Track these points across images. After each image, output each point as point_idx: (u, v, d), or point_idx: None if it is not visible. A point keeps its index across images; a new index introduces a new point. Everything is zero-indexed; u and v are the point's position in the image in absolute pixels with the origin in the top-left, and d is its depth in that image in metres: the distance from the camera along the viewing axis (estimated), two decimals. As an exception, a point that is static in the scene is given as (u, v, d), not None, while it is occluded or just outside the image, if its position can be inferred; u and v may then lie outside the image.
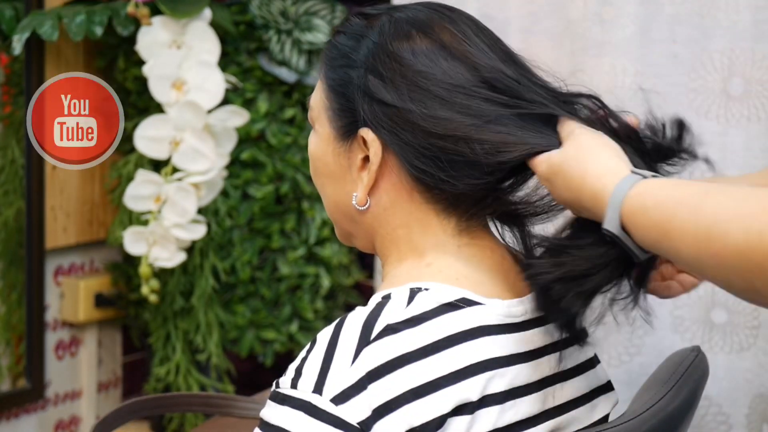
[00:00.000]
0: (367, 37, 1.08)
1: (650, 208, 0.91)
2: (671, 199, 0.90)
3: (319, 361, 0.97)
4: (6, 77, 2.02)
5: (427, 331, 0.98)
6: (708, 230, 0.86)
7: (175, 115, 1.90)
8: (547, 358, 1.05)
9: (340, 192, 1.10)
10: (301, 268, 2.11)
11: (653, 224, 0.90)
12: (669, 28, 1.68)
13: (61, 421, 2.14)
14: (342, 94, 1.09)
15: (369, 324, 0.98)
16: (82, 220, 2.12)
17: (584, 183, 0.96)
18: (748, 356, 1.65)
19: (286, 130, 2.09)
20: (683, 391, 1.12)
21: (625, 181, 0.93)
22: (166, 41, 1.90)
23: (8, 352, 2.05)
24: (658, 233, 0.90)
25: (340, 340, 0.97)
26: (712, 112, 1.67)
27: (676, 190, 0.91)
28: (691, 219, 0.87)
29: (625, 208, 0.92)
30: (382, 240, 1.09)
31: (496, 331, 1.01)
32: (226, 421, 1.44)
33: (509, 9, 1.77)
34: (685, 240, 0.87)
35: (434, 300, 1.00)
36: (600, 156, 0.97)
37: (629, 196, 0.92)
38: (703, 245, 0.86)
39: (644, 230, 0.91)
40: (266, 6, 2.06)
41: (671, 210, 0.89)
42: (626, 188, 0.92)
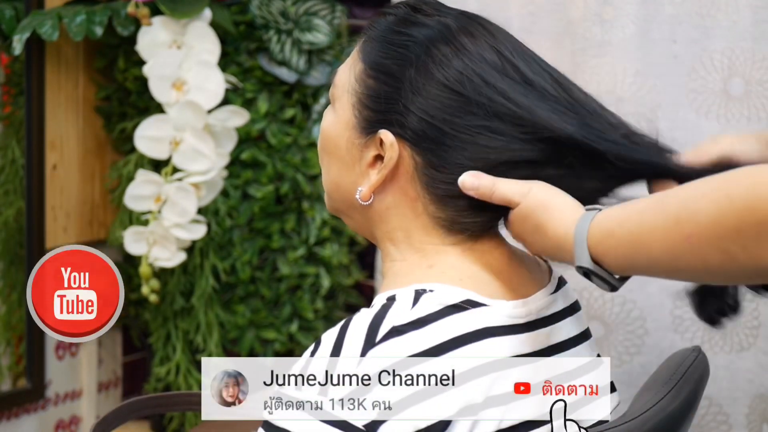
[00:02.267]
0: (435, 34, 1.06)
1: (616, 229, 0.93)
2: (633, 212, 0.93)
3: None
4: (6, 77, 2.02)
5: (432, 333, 0.98)
6: (677, 216, 0.88)
7: (175, 115, 1.90)
8: (552, 359, 1.05)
9: (345, 178, 1.09)
10: (301, 268, 2.11)
11: (623, 241, 0.93)
12: (669, 28, 1.68)
13: (61, 421, 2.14)
14: (384, 84, 1.06)
15: (374, 326, 0.98)
16: (82, 220, 2.12)
17: (547, 237, 0.99)
18: (748, 356, 1.66)
19: (286, 130, 2.09)
20: (684, 392, 1.12)
21: (583, 219, 0.96)
22: (166, 41, 1.90)
23: (8, 352, 2.05)
24: (629, 248, 0.92)
25: (346, 342, 0.97)
26: (712, 112, 1.67)
27: (635, 204, 0.94)
28: (657, 216, 0.90)
29: (591, 240, 0.95)
30: (381, 235, 1.09)
31: (500, 332, 1.01)
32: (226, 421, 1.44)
33: (509, 9, 1.77)
34: (656, 237, 0.90)
35: (439, 302, 1.00)
36: (554, 209, 1.00)
37: (592, 229, 0.95)
38: (675, 233, 0.88)
39: (615, 251, 0.94)
40: (266, 6, 2.06)
41: (636, 220, 0.92)
42: (586, 224, 0.96)
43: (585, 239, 0.95)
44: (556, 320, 1.08)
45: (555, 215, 0.99)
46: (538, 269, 1.12)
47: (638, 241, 0.91)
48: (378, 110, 1.06)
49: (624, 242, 0.93)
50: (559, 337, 1.07)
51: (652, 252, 0.91)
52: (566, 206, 0.99)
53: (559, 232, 0.98)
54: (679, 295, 1.66)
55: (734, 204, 0.84)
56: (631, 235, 0.92)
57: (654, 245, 0.90)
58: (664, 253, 0.90)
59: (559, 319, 1.08)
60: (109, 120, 2.10)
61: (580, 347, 1.10)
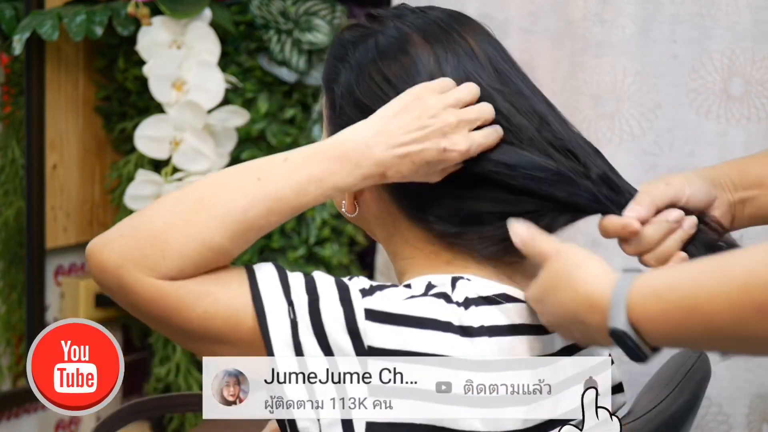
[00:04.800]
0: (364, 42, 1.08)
1: (665, 292, 0.87)
2: (686, 277, 0.87)
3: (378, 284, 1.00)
4: (6, 77, 2.02)
5: (469, 317, 0.98)
6: (745, 284, 0.82)
7: (175, 115, 1.90)
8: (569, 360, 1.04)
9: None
10: (301, 268, 2.10)
11: (673, 306, 0.86)
12: (669, 28, 1.68)
13: (61, 421, 2.14)
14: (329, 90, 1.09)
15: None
16: (82, 220, 2.11)
17: (577, 294, 0.93)
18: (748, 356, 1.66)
19: (286, 130, 2.09)
20: (685, 393, 1.12)
21: (623, 278, 0.90)
22: (166, 41, 1.90)
23: (8, 352, 2.05)
24: (681, 312, 0.86)
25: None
26: (712, 112, 1.67)
27: (684, 269, 0.89)
28: (720, 282, 0.83)
29: (631, 301, 0.89)
30: (383, 240, 1.10)
31: (532, 331, 1.01)
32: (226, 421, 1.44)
33: (509, 9, 1.78)
34: (719, 304, 0.83)
35: (474, 291, 1.00)
36: (591, 266, 0.95)
37: (634, 289, 0.89)
38: (743, 302, 0.82)
39: (663, 316, 0.87)
40: (266, 6, 2.06)
41: (690, 285, 0.86)
42: (627, 284, 0.89)
43: (624, 299, 0.89)
44: None
45: (591, 271, 0.93)
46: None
47: (695, 307, 0.84)
48: (338, 124, 1.07)
49: (675, 307, 0.86)
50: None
51: (713, 319, 0.84)
52: (602, 266, 0.94)
53: (594, 289, 0.92)
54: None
55: None
56: (685, 300, 0.85)
57: (715, 312, 0.83)
58: (728, 322, 0.83)
59: None
60: (109, 120, 2.10)
61: (591, 348, 1.09)
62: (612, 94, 1.70)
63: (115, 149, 2.11)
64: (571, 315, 0.94)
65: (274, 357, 0.96)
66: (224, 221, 0.97)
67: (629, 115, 1.69)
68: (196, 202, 0.99)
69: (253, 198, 0.98)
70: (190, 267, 0.97)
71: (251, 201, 0.98)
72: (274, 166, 1.00)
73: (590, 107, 1.71)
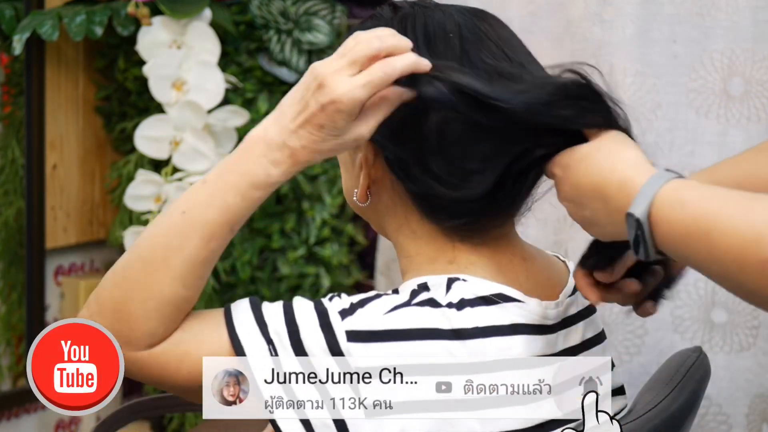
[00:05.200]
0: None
1: (690, 203, 0.85)
2: (716, 197, 0.85)
3: (359, 299, 0.98)
4: (6, 77, 2.02)
5: (464, 318, 0.97)
6: (760, 234, 0.80)
7: (175, 115, 1.90)
8: (567, 360, 1.05)
9: (347, 182, 1.10)
10: (302, 268, 2.11)
11: (691, 219, 0.84)
12: (669, 28, 1.68)
13: (61, 421, 2.14)
14: None
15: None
16: (82, 220, 2.12)
17: (614, 169, 0.92)
18: (748, 356, 1.66)
19: (286, 130, 2.09)
20: (685, 392, 1.12)
21: (660, 174, 0.89)
22: (166, 41, 1.90)
23: (8, 352, 2.05)
24: (694, 230, 0.84)
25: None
26: (712, 112, 1.67)
27: (719, 189, 0.86)
28: (740, 220, 0.81)
29: (658, 198, 0.87)
30: (392, 232, 1.08)
31: (532, 331, 1.01)
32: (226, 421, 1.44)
33: (509, 9, 1.77)
34: (730, 241, 0.81)
35: (472, 291, 0.99)
36: (634, 151, 0.94)
37: (665, 189, 0.87)
38: (752, 251, 0.80)
39: (678, 224, 0.85)
40: (266, 6, 2.06)
41: (715, 207, 0.84)
42: (662, 181, 0.88)
43: (653, 193, 0.87)
44: (573, 322, 1.07)
45: (634, 157, 0.92)
46: (557, 271, 1.11)
47: (708, 231, 0.83)
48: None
49: (691, 222, 0.85)
50: (575, 340, 1.07)
51: (717, 252, 0.83)
52: (644, 156, 0.93)
53: (631, 173, 0.90)
54: (679, 295, 1.67)
55: None
56: (704, 221, 0.84)
57: (723, 247, 0.82)
58: (730, 262, 0.82)
59: (576, 322, 1.08)
60: (109, 120, 2.10)
61: (593, 350, 1.09)
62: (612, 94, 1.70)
63: (115, 149, 2.12)
64: (596, 187, 0.93)
65: (264, 387, 0.96)
66: (168, 269, 0.97)
67: (629, 115, 1.70)
68: (141, 260, 0.98)
69: (183, 234, 0.97)
70: (158, 329, 0.97)
71: (183, 238, 0.97)
72: (195, 193, 0.99)
73: (590, 107, 1.71)
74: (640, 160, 0.93)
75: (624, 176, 0.91)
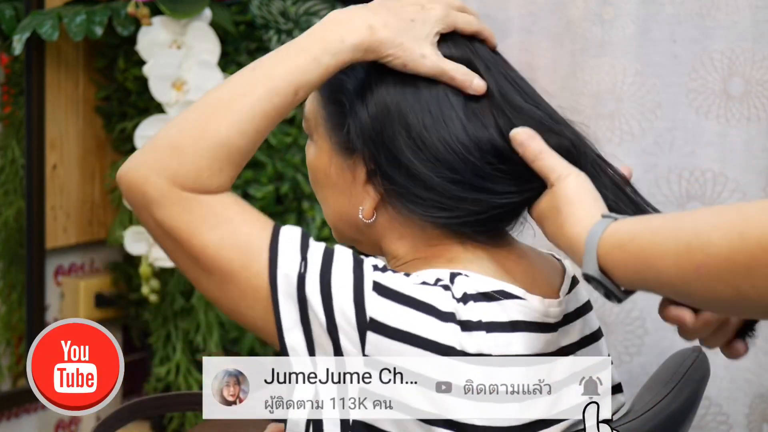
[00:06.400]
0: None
1: (627, 243, 0.91)
2: (647, 229, 0.91)
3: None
4: (6, 77, 2.02)
5: (468, 311, 0.98)
6: (689, 245, 0.86)
7: (175, 115, 1.90)
8: (564, 359, 1.05)
9: (344, 204, 1.09)
10: (301, 268, 2.10)
11: (632, 257, 0.90)
12: (669, 28, 1.68)
13: (61, 421, 2.15)
14: (338, 103, 1.07)
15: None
16: (82, 220, 2.12)
17: (563, 232, 0.98)
18: (748, 356, 1.65)
19: (286, 130, 2.09)
20: (685, 392, 1.12)
21: (597, 226, 0.94)
22: (166, 41, 1.90)
23: (8, 352, 2.06)
24: (638, 264, 0.90)
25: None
26: (712, 112, 1.67)
27: (650, 221, 0.92)
28: (670, 239, 0.88)
29: (601, 249, 0.93)
30: (391, 245, 1.08)
31: (533, 328, 1.01)
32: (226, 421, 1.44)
33: (509, 9, 1.77)
34: (667, 261, 0.87)
35: (473, 287, 0.99)
36: (578, 206, 0.98)
37: (604, 238, 0.93)
38: (685, 260, 0.86)
39: (624, 265, 0.91)
40: (266, 6, 2.06)
41: (648, 238, 0.90)
42: (599, 231, 0.93)
43: (595, 247, 0.93)
44: (570, 320, 1.07)
45: (576, 213, 0.97)
46: (554, 270, 1.11)
47: (648, 260, 0.89)
48: (346, 131, 1.06)
49: (634, 259, 0.90)
50: (572, 338, 1.07)
51: (662, 274, 0.88)
52: (589, 207, 0.97)
53: (574, 232, 0.96)
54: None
55: (746, 242, 0.82)
56: (642, 253, 0.90)
57: (663, 268, 0.88)
58: (673, 277, 0.87)
59: (573, 320, 1.08)
60: (109, 120, 2.10)
61: (590, 348, 1.09)
62: (612, 94, 1.70)
63: (115, 149, 2.12)
64: (561, 248, 0.99)
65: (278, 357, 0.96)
66: (227, 113, 0.99)
67: (629, 115, 1.69)
68: (206, 105, 1.00)
69: (249, 83, 1.00)
70: (205, 170, 0.98)
71: (248, 86, 1.00)
72: (270, 55, 1.03)
73: (590, 107, 1.71)
74: (581, 215, 0.97)
75: (569, 238, 0.97)
